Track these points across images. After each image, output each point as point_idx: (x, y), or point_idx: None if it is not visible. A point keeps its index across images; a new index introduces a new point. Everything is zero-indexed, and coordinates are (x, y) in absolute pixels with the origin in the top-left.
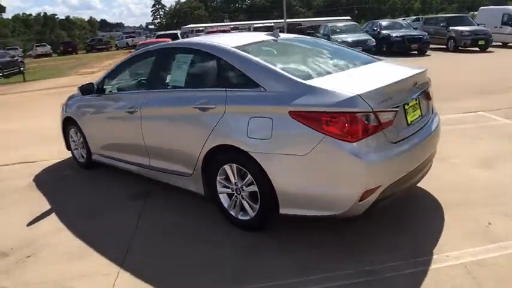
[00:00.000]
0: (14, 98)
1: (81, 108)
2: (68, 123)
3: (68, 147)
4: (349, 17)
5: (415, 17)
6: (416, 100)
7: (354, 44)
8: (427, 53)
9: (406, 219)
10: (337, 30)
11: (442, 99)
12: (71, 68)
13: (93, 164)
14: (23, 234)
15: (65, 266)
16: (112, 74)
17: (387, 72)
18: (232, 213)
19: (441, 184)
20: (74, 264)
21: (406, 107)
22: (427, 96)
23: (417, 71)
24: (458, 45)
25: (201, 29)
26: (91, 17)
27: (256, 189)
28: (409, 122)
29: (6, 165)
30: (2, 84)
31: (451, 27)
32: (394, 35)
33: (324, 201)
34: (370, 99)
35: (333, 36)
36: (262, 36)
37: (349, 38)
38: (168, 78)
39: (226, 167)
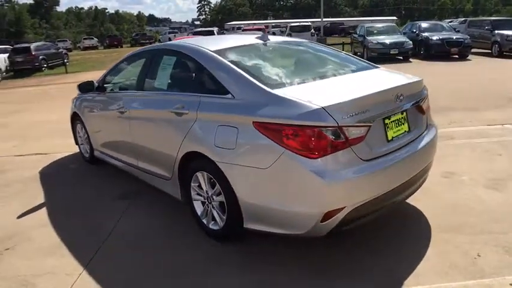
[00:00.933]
0: (53, 89)
1: (84, 105)
2: (75, 119)
3: (76, 142)
4: (394, 18)
5: (463, 19)
6: (402, 114)
7: (391, 46)
8: (468, 58)
9: (388, 241)
10: (375, 32)
11: (468, 109)
12: (112, 60)
13: (96, 160)
14: (10, 226)
15: (36, 261)
16: (111, 73)
17: (371, 82)
18: (205, 221)
19: (439, 203)
20: (45, 261)
21: (387, 121)
22: (419, 109)
23: (404, 82)
24: (503, 50)
25: (240, 26)
26: (139, 12)
27: (224, 199)
28: (390, 138)
29: (22, 155)
30: (46, 75)
31: (496, 31)
32: (433, 37)
33: (285, 220)
34: (337, 113)
35: (368, 38)
36: (251, 39)
37: (385, 39)
38: (153, 80)
39: (199, 174)
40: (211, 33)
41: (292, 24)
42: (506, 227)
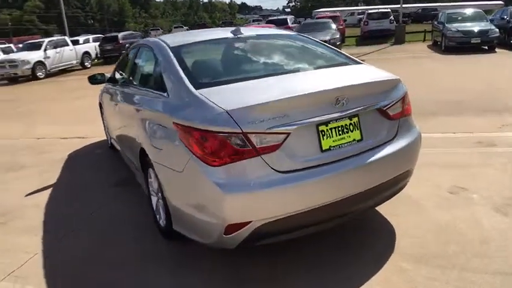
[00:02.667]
0: None
1: (102, 95)
2: (101, 107)
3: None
4: (500, 2)
5: None
6: (350, 119)
7: (472, 35)
8: None
9: (332, 259)
10: (459, 18)
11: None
12: None
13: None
14: (14, 204)
15: (10, 237)
16: (118, 65)
17: (314, 81)
18: (157, 217)
19: (423, 223)
20: (17, 238)
21: (323, 128)
22: (384, 114)
23: (354, 82)
24: None
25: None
26: (231, 0)
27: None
28: (327, 148)
29: (66, 138)
30: None
31: None
32: None
33: (197, 227)
34: (243, 117)
35: (447, 25)
36: (224, 33)
37: (467, 27)
38: (133, 74)
39: (150, 170)
40: (284, 22)
41: (370, 11)
42: (490, 268)
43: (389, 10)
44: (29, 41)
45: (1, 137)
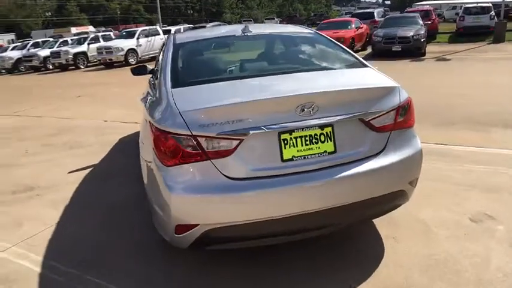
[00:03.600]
0: None
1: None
2: None
3: None
4: None
5: None
6: (322, 129)
7: None
8: None
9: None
10: None
11: None
12: None
13: None
14: (58, 178)
15: (39, 209)
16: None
17: (287, 85)
18: None
19: (425, 257)
20: (43, 210)
21: (286, 136)
22: (368, 124)
23: (328, 89)
24: None
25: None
26: None
27: None
28: (289, 157)
29: (126, 122)
30: None
31: None
32: None
33: (160, 223)
34: (195, 120)
35: None
36: (234, 31)
37: None
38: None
39: None
40: (370, 16)
41: (468, 6)
42: None
43: (490, 5)
44: (125, 30)
45: (83, 117)
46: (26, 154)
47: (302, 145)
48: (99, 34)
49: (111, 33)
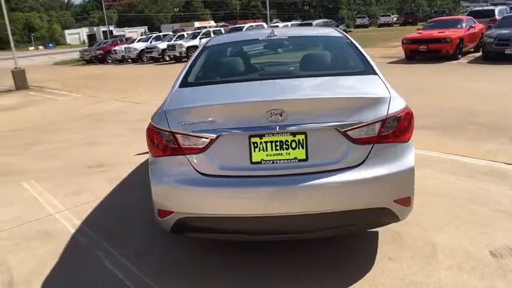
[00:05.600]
0: None
1: None
2: None
3: None
4: None
5: None
6: (294, 136)
7: None
8: None
9: None
10: None
11: None
12: (384, 40)
13: None
14: (125, 158)
15: (98, 182)
16: None
17: (269, 91)
18: None
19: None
20: (100, 183)
21: (256, 140)
22: (345, 135)
23: (299, 96)
24: None
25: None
26: None
27: None
28: (257, 160)
29: None
30: None
31: None
32: None
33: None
34: (175, 118)
35: None
36: (261, 35)
37: None
38: None
39: None
40: (490, 14)
41: None
42: None
43: None
44: (235, 26)
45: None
46: (112, 135)
47: (272, 150)
48: (211, 29)
49: (222, 29)
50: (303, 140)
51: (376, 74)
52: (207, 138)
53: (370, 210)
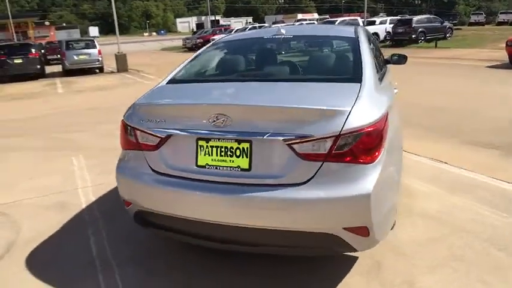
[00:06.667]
0: None
1: None
2: None
3: None
4: None
5: None
6: (239, 144)
7: None
8: None
9: None
10: None
11: None
12: (496, 40)
13: None
14: None
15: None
16: None
17: (228, 94)
18: None
19: None
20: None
21: (202, 143)
22: (291, 149)
23: (249, 103)
24: None
25: None
26: None
27: None
28: (202, 164)
29: None
30: (418, 48)
31: None
32: None
33: None
34: (137, 114)
35: None
36: (270, 31)
37: None
38: None
39: None
40: None
41: None
42: None
43: None
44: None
45: None
46: None
47: (217, 155)
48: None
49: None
50: (247, 148)
51: (360, 82)
52: (159, 137)
53: (315, 234)
